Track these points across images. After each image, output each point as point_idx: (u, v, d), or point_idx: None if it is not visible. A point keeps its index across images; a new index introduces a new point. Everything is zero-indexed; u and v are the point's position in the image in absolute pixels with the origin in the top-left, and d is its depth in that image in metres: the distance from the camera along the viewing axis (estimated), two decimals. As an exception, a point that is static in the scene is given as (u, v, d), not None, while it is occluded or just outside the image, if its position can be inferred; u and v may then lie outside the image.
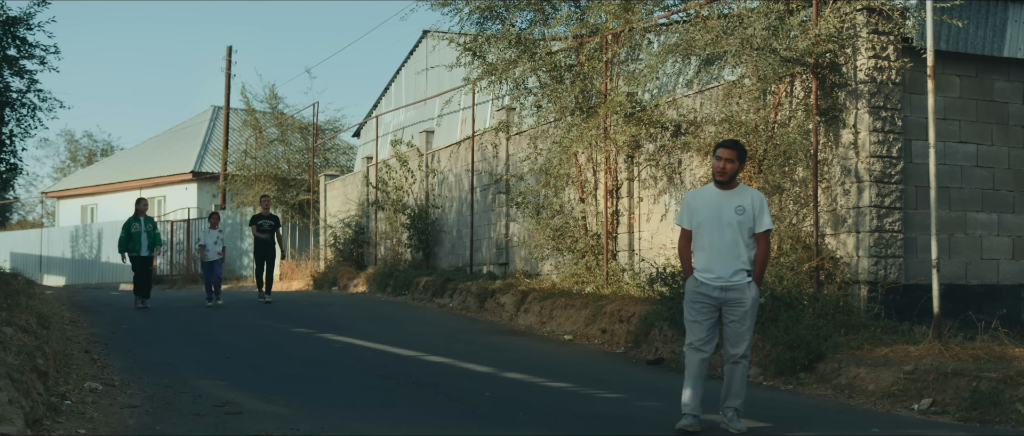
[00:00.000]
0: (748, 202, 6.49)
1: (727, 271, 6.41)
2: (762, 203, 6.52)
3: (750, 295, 6.43)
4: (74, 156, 61.44)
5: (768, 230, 6.50)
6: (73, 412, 6.41)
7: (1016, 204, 11.31)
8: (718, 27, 11.06)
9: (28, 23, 17.64)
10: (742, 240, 6.45)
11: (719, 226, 6.46)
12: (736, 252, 6.43)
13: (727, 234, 6.44)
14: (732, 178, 6.52)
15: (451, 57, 19.13)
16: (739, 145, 6.59)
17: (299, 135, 30.13)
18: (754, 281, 6.46)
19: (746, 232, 6.46)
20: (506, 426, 6.65)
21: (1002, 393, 7.20)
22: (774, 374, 9.00)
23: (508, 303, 14.31)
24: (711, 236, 6.48)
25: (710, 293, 6.44)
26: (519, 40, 14.26)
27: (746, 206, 6.48)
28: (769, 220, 6.50)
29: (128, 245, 15.62)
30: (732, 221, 6.44)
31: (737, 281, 6.41)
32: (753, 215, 6.47)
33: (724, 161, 6.46)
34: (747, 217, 6.46)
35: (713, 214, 6.50)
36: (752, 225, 6.48)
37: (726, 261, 6.42)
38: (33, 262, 36.13)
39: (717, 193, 6.55)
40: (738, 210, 6.46)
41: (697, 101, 12.59)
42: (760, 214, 6.49)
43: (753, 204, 6.49)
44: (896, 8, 10.36)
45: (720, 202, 6.51)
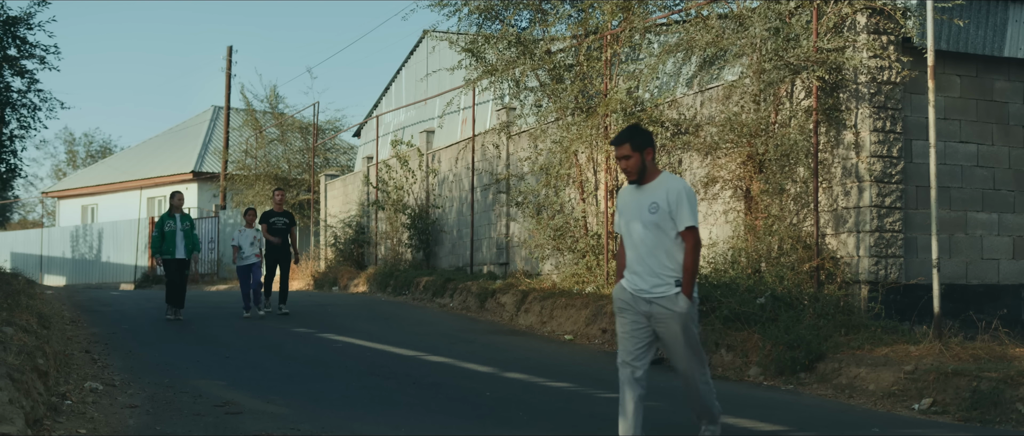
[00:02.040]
0: (663, 197, 5.52)
1: (647, 281, 5.53)
2: (680, 195, 5.48)
3: (679, 309, 5.46)
4: (74, 156, 61.45)
5: (691, 227, 5.48)
6: (73, 412, 6.42)
7: (1016, 204, 11.31)
8: (718, 27, 11.06)
9: (28, 23, 17.66)
10: (663, 244, 5.51)
11: (638, 229, 5.60)
12: (656, 258, 5.52)
13: (644, 238, 5.56)
14: (642, 173, 5.59)
15: (451, 57, 19.13)
16: (633, 134, 5.58)
17: (299, 135, 30.14)
18: (684, 292, 5.46)
19: (668, 233, 5.52)
20: (506, 426, 6.65)
21: (1002, 393, 7.20)
22: (774, 374, 9.00)
23: (508, 303, 14.31)
24: (631, 241, 5.65)
25: (633, 304, 5.60)
26: (519, 40, 14.26)
27: (660, 202, 5.52)
28: (690, 215, 5.47)
29: (161, 246, 13.32)
30: (648, 222, 5.54)
31: (660, 293, 5.49)
32: (669, 212, 5.51)
33: (622, 160, 5.58)
34: (663, 215, 5.52)
35: (633, 215, 5.64)
36: (671, 223, 5.52)
37: (646, 269, 5.55)
38: (33, 262, 36.14)
39: (635, 192, 5.69)
40: (651, 209, 5.54)
41: (697, 101, 12.58)
42: (678, 209, 5.48)
43: (669, 198, 5.50)
44: (897, 8, 10.36)
45: (638, 201, 5.63)
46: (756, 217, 11.00)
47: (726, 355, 9.66)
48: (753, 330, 9.46)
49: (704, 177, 11.91)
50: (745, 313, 9.60)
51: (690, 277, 5.49)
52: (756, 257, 10.72)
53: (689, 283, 5.49)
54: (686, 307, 5.50)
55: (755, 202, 11.07)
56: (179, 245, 13.36)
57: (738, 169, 11.21)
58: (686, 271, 5.49)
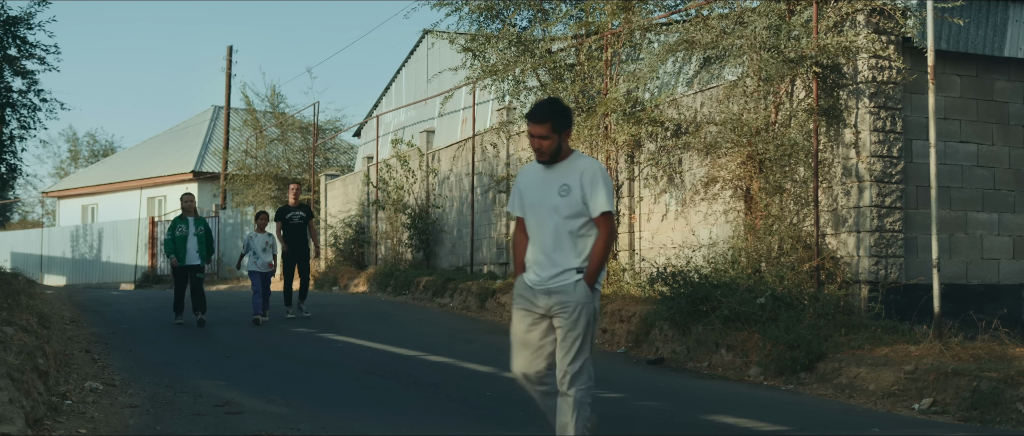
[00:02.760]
0: (576, 178, 4.96)
1: (549, 271, 4.98)
2: (596, 176, 4.94)
3: (578, 297, 4.91)
4: (76, 155, 61.47)
5: (606, 213, 4.93)
6: (74, 412, 6.42)
7: (1016, 204, 11.31)
8: (718, 27, 11.06)
9: (28, 23, 17.65)
10: (571, 230, 4.96)
11: (543, 213, 5.03)
12: (561, 246, 4.97)
13: (550, 222, 4.99)
14: (555, 153, 5.02)
15: (452, 57, 19.12)
16: (555, 114, 4.99)
17: (299, 135, 30.13)
18: (587, 281, 4.93)
19: (577, 218, 4.96)
20: (506, 426, 6.65)
21: (1003, 393, 7.20)
22: (774, 374, 9.00)
23: (509, 303, 14.31)
24: (535, 226, 5.07)
25: (534, 299, 5.02)
26: (519, 39, 14.26)
27: (572, 184, 4.96)
28: (606, 199, 4.93)
29: (173, 250, 12.67)
30: (557, 205, 4.97)
31: (560, 282, 4.95)
32: (582, 195, 4.94)
33: (537, 139, 4.98)
34: (573, 198, 4.95)
35: (538, 197, 5.06)
36: (583, 208, 4.96)
37: (550, 258, 4.99)
38: (33, 262, 36.13)
39: (542, 171, 5.10)
40: (562, 190, 4.97)
41: (697, 100, 12.58)
42: (592, 192, 4.93)
43: (582, 180, 4.95)
44: (897, 8, 10.36)
45: (545, 182, 5.05)
46: (756, 217, 11.00)
47: (726, 355, 9.66)
48: (753, 330, 9.46)
49: (704, 177, 11.91)
50: (745, 313, 9.60)
51: (597, 267, 4.94)
52: (756, 257, 10.73)
53: (594, 272, 4.94)
54: (584, 295, 4.92)
55: (755, 202, 11.07)
56: (191, 251, 12.63)
57: (738, 169, 11.21)
58: (594, 259, 4.94)
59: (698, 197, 12.26)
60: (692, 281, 10.44)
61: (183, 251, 12.58)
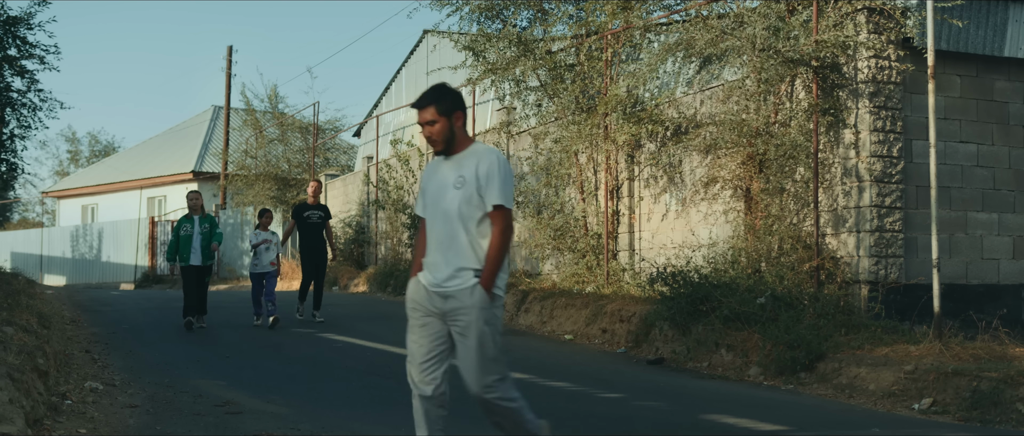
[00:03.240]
0: (472, 170, 4.58)
1: (444, 271, 4.60)
2: (491, 167, 4.56)
3: (474, 302, 4.52)
4: (76, 155, 61.49)
5: (500, 207, 4.55)
6: (74, 412, 6.42)
7: (1016, 204, 11.31)
8: (718, 27, 11.06)
9: (28, 23, 17.66)
10: (468, 227, 4.58)
11: (439, 209, 4.66)
12: (456, 244, 4.58)
13: (445, 219, 4.62)
14: (450, 142, 4.64)
15: (452, 57, 19.12)
16: (439, 95, 4.63)
17: (299, 135, 30.13)
18: (483, 285, 4.53)
19: (474, 214, 4.57)
20: (506, 426, 6.64)
21: (1003, 393, 7.20)
22: (774, 374, 9.00)
23: (508, 303, 14.31)
24: (431, 223, 4.70)
25: (428, 302, 4.65)
26: (519, 39, 14.27)
27: (467, 176, 4.58)
28: (501, 191, 4.55)
29: (177, 252, 12.15)
30: (452, 200, 4.60)
31: (455, 285, 4.56)
32: (477, 187, 4.56)
33: (426, 127, 4.63)
34: (469, 192, 4.57)
35: (436, 193, 4.69)
36: (481, 201, 4.57)
37: (445, 257, 4.61)
38: (33, 262, 36.13)
39: (441, 164, 4.73)
40: (457, 183, 4.59)
41: (697, 100, 12.59)
42: (488, 183, 4.55)
43: (478, 171, 4.57)
44: (897, 8, 10.36)
45: (443, 176, 4.70)
46: (756, 217, 11.00)
47: (726, 355, 9.66)
48: (753, 330, 9.46)
49: (704, 177, 11.91)
50: (745, 313, 9.60)
51: (494, 267, 4.54)
52: (756, 257, 10.73)
53: (491, 273, 4.54)
54: (482, 301, 4.53)
55: (755, 202, 11.07)
56: (196, 251, 12.07)
57: (738, 169, 11.21)
58: (490, 260, 4.54)
59: (698, 197, 12.27)
60: (692, 281, 10.44)
61: (188, 251, 12.08)
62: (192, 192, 12.42)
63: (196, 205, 12.22)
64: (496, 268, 4.57)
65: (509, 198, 4.56)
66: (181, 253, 12.08)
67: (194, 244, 12.07)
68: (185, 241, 12.09)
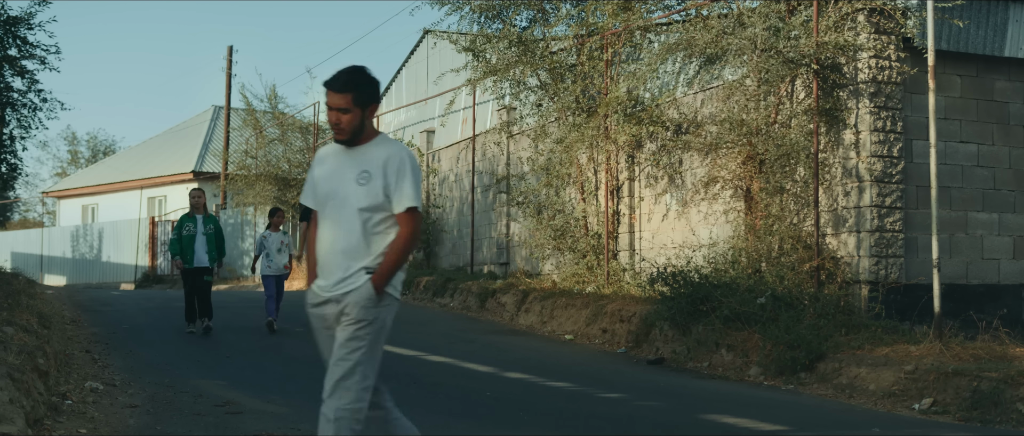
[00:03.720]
0: (378, 165, 4.17)
1: (337, 273, 4.19)
2: (403, 165, 4.17)
3: (359, 297, 4.14)
4: (76, 156, 61.52)
5: (411, 209, 4.16)
6: (74, 412, 6.42)
7: (1017, 204, 11.31)
8: (718, 27, 11.07)
9: (29, 23, 17.66)
10: (368, 226, 4.18)
11: (337, 204, 4.23)
12: (354, 246, 4.18)
13: (344, 217, 4.20)
14: (357, 131, 4.22)
15: (453, 57, 19.12)
16: (354, 77, 4.21)
17: (299, 135, 30.11)
18: (374, 281, 4.13)
19: (377, 213, 4.18)
20: (507, 426, 6.65)
21: (1003, 393, 7.20)
22: (775, 374, 9.00)
23: (509, 303, 14.31)
24: (325, 219, 4.28)
25: (323, 311, 4.26)
26: (520, 40, 14.27)
27: (373, 171, 4.17)
28: (413, 192, 4.16)
29: (179, 251, 11.64)
30: (353, 195, 4.19)
31: (347, 287, 4.16)
32: (384, 185, 4.17)
33: (335, 112, 4.21)
34: (374, 188, 4.17)
35: (333, 186, 4.26)
36: (385, 200, 4.17)
37: (341, 260, 4.19)
38: (34, 262, 36.14)
39: (340, 155, 4.30)
40: (361, 178, 4.19)
41: (698, 100, 12.59)
42: (398, 182, 4.16)
43: (387, 167, 4.17)
44: (897, 8, 10.36)
45: (342, 167, 4.26)
46: (756, 217, 11.00)
47: (726, 355, 9.66)
48: (753, 330, 9.46)
49: (704, 177, 11.91)
50: (745, 313, 9.60)
51: (391, 266, 4.15)
52: (756, 257, 10.73)
53: (387, 272, 4.14)
54: (368, 297, 4.13)
55: (755, 202, 11.07)
56: (199, 251, 11.56)
57: (738, 169, 11.22)
58: (389, 259, 4.15)
59: (698, 197, 12.27)
60: (692, 281, 10.44)
61: (191, 252, 11.56)
62: (194, 190, 12.04)
63: (198, 203, 11.79)
64: (394, 268, 4.16)
65: (419, 198, 4.19)
66: (184, 254, 11.61)
67: (197, 246, 11.58)
68: (188, 241, 11.59)
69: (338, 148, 4.29)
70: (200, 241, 11.58)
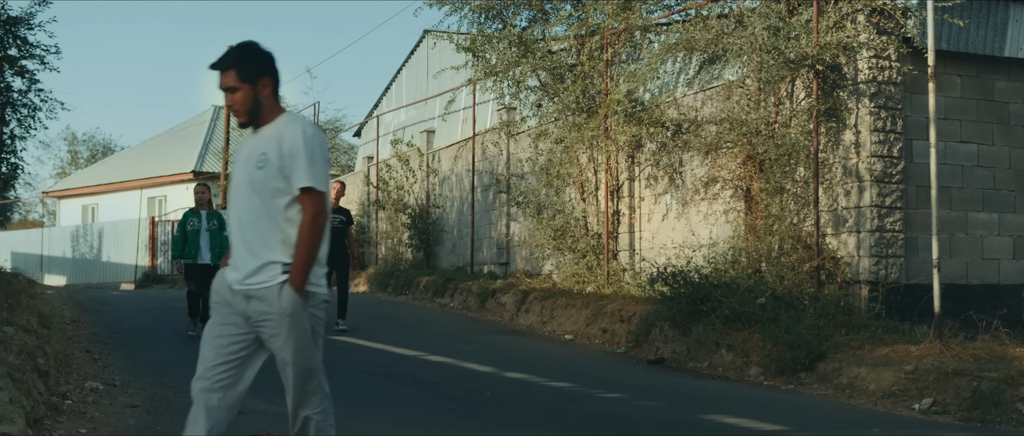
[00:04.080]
0: (275, 146, 3.95)
1: (248, 265, 3.98)
2: (296, 141, 3.92)
3: (284, 307, 3.91)
4: (76, 156, 61.51)
5: (309, 188, 3.91)
6: (74, 412, 6.42)
7: (1017, 204, 11.31)
8: (718, 26, 11.07)
9: (29, 23, 17.67)
10: (274, 213, 3.96)
11: (242, 193, 4.04)
12: (262, 235, 3.96)
13: (247, 203, 4.01)
14: (255, 113, 4.02)
15: (453, 57, 19.13)
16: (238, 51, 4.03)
17: (300, 135, 30.14)
18: (293, 284, 3.90)
19: (280, 197, 3.95)
20: (507, 426, 6.65)
21: (1003, 393, 7.20)
22: (775, 374, 9.00)
23: (509, 303, 14.31)
24: (234, 208, 4.09)
25: (231, 301, 4.03)
26: (520, 40, 14.27)
27: (270, 153, 3.95)
28: (309, 170, 3.90)
29: (183, 249, 11.33)
30: (253, 181, 3.98)
31: (260, 284, 3.94)
32: (281, 166, 3.93)
33: (227, 94, 4.01)
34: (271, 171, 3.94)
35: (239, 174, 4.09)
36: (285, 183, 3.94)
37: (249, 249, 3.99)
38: (34, 262, 36.14)
39: (248, 139, 4.11)
40: (259, 162, 3.96)
41: (698, 100, 12.59)
42: (293, 161, 3.91)
43: (283, 147, 3.93)
44: (897, 8, 10.36)
45: (248, 153, 4.06)
46: (756, 217, 11.00)
47: (726, 355, 9.66)
48: (753, 330, 9.47)
49: (704, 177, 11.92)
50: (746, 313, 9.60)
51: (304, 260, 3.90)
52: (756, 257, 10.73)
53: (302, 268, 3.90)
54: (292, 304, 3.91)
55: (755, 202, 11.08)
56: (204, 248, 11.27)
57: (738, 169, 11.22)
58: (299, 252, 3.90)
59: (698, 197, 12.27)
60: (692, 281, 10.44)
61: (195, 248, 11.27)
62: (200, 185, 11.73)
63: (203, 199, 11.47)
64: (308, 261, 3.90)
65: (320, 178, 3.91)
66: (188, 250, 11.27)
67: (202, 241, 11.29)
68: (192, 237, 11.28)
69: (248, 133, 4.10)
70: (204, 238, 11.32)
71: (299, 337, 3.97)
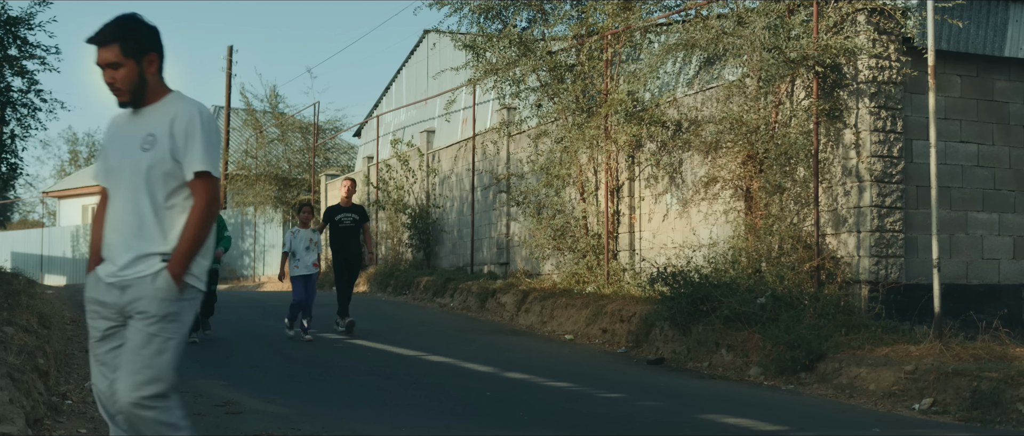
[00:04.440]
0: (165, 126, 3.63)
1: (123, 256, 3.63)
2: (192, 123, 3.63)
3: (154, 290, 3.57)
4: (76, 156, 61.51)
5: (205, 174, 3.64)
6: (74, 412, 6.42)
7: (1017, 204, 11.31)
8: (718, 26, 11.07)
9: (29, 23, 17.67)
10: (156, 199, 3.63)
11: (122, 176, 3.69)
12: (142, 223, 3.62)
13: (129, 190, 3.65)
14: (139, 92, 3.68)
15: (453, 57, 19.14)
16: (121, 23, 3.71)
17: (300, 135, 30.14)
18: (171, 269, 3.58)
19: (166, 184, 3.64)
20: (507, 426, 6.65)
21: (1003, 393, 7.20)
22: (775, 374, 9.00)
23: (509, 303, 14.31)
24: (113, 195, 3.74)
25: (107, 300, 3.66)
26: (520, 40, 14.27)
27: (159, 134, 3.62)
28: (205, 154, 3.62)
29: None
30: (138, 164, 3.63)
31: (135, 273, 3.60)
32: (172, 149, 3.62)
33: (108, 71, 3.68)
34: (160, 153, 3.62)
35: (119, 155, 3.73)
36: (175, 166, 3.63)
37: (126, 240, 3.64)
38: (34, 262, 36.15)
39: (127, 119, 3.76)
40: (145, 143, 3.63)
41: (698, 100, 12.59)
42: (187, 143, 3.62)
43: (174, 128, 3.62)
44: (897, 8, 10.36)
45: (128, 134, 3.71)
46: (756, 217, 11.00)
47: (726, 355, 9.66)
48: (753, 330, 9.46)
49: (704, 177, 11.91)
50: (746, 313, 9.60)
51: (189, 248, 3.60)
52: (756, 257, 10.73)
53: (184, 256, 3.59)
54: (165, 289, 3.58)
55: (755, 202, 11.07)
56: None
57: (738, 169, 11.22)
58: (185, 239, 3.60)
59: (698, 197, 12.27)
60: (692, 281, 10.44)
61: None
62: None
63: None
64: (193, 250, 3.60)
65: (215, 163, 3.63)
66: None
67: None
68: None
69: (126, 113, 3.76)
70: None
71: (165, 326, 3.57)
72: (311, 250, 11.44)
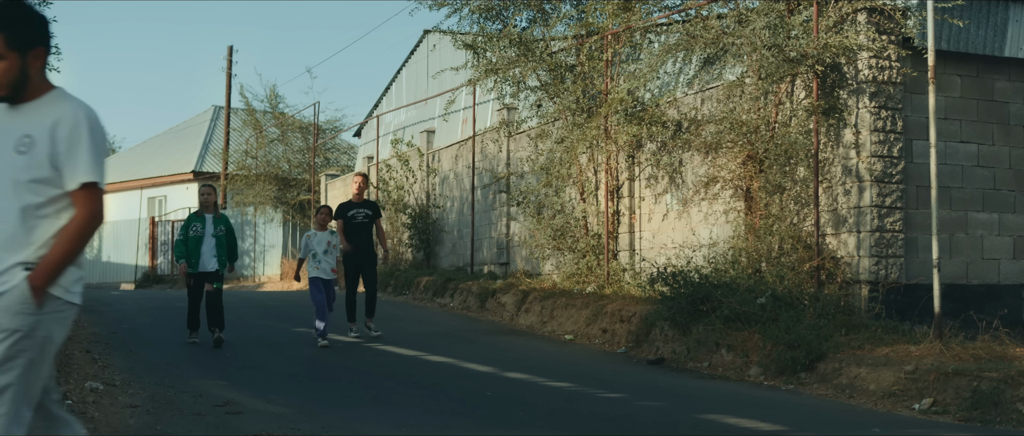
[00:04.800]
0: (45, 129, 3.28)
1: None
2: (77, 126, 3.28)
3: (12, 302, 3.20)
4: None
5: (90, 185, 3.31)
6: (74, 412, 6.42)
7: (1017, 204, 11.31)
8: (718, 26, 11.07)
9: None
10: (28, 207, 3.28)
11: None
12: (11, 234, 3.27)
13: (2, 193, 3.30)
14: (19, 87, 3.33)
15: (453, 57, 19.13)
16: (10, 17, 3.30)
17: (300, 135, 30.14)
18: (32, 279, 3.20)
19: (43, 189, 3.29)
20: (507, 426, 6.65)
21: (1003, 393, 7.20)
22: (775, 374, 9.00)
23: (509, 303, 14.31)
24: None
25: None
26: (520, 40, 14.27)
27: (37, 136, 3.28)
28: (91, 162, 3.29)
29: (185, 254, 10.57)
30: (10, 168, 3.29)
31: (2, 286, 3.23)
32: (51, 154, 3.27)
33: None
34: (37, 158, 3.28)
35: None
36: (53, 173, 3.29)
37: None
38: (34, 262, 36.13)
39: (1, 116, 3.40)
40: (21, 145, 3.28)
41: (698, 100, 12.59)
42: (70, 149, 3.27)
43: (56, 131, 3.27)
44: (897, 8, 10.36)
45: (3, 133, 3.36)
46: (756, 217, 11.00)
47: (726, 355, 9.66)
48: (753, 330, 9.46)
49: (704, 176, 11.91)
50: (746, 313, 9.60)
51: (57, 261, 3.24)
52: (756, 257, 10.73)
53: (52, 267, 3.23)
54: (22, 300, 3.19)
55: (755, 202, 11.07)
56: (206, 255, 10.50)
57: (738, 168, 11.22)
58: (56, 249, 3.24)
59: (698, 197, 12.27)
60: (692, 281, 10.44)
61: (197, 255, 10.51)
62: (205, 186, 10.94)
63: (208, 201, 10.66)
64: (62, 262, 3.23)
65: (102, 172, 3.32)
66: (190, 258, 10.53)
67: (204, 248, 10.52)
68: (194, 243, 10.53)
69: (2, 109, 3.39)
70: (208, 243, 10.53)
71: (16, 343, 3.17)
72: (330, 253, 11.17)
